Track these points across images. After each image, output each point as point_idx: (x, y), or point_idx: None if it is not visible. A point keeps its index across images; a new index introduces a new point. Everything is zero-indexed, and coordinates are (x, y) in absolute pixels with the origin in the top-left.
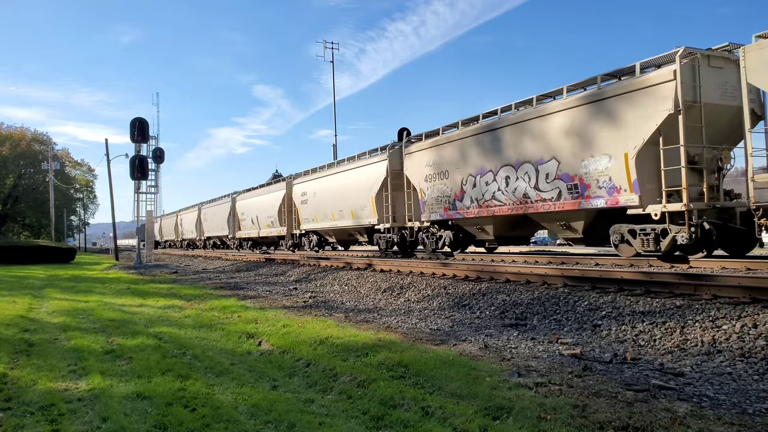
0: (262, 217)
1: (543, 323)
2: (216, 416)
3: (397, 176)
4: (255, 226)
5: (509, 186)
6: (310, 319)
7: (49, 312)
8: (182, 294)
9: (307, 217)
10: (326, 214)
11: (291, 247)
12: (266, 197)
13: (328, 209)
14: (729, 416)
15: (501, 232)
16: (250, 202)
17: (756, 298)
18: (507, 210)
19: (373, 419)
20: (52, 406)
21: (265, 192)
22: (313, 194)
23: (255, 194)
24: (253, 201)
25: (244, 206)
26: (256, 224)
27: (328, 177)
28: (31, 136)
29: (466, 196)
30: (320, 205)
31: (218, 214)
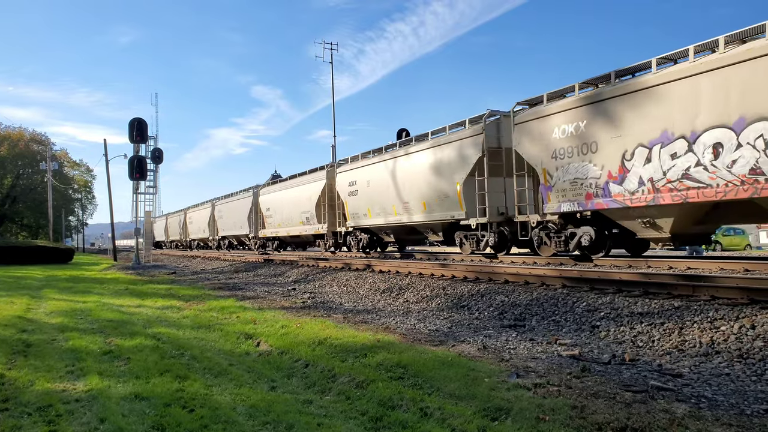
0: (293, 212)
1: (542, 324)
2: (214, 417)
3: (495, 156)
4: (284, 224)
5: (722, 158)
6: (308, 319)
7: (47, 312)
8: (181, 294)
9: (356, 212)
10: (384, 208)
11: (331, 247)
12: (299, 190)
13: (387, 202)
14: (727, 417)
15: (685, 227)
16: (277, 196)
17: (754, 299)
18: (712, 193)
19: (372, 420)
20: (49, 406)
21: (299, 184)
22: (366, 184)
23: (284, 186)
24: (281, 195)
25: (269, 201)
26: (285, 221)
27: (388, 161)
28: (29, 136)
29: (631, 176)
30: (376, 197)
31: (237, 210)
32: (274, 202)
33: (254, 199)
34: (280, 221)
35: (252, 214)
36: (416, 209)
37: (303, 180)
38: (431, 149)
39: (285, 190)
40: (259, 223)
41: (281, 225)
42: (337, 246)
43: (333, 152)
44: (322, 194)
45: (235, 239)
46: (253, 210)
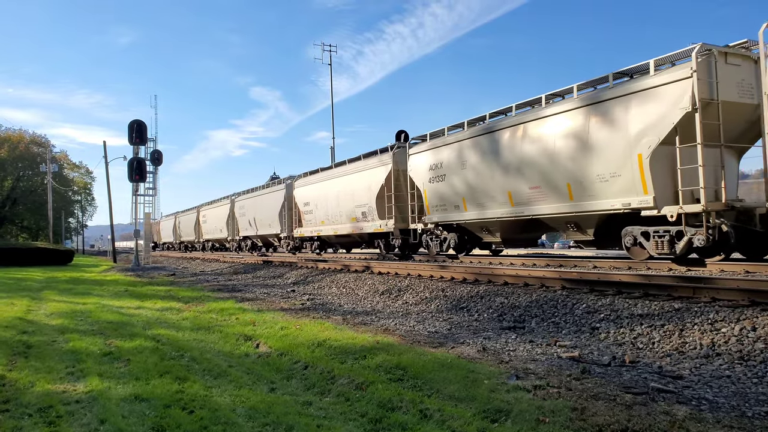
0: (343, 207)
1: (541, 326)
2: (214, 418)
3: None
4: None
5: None
6: (308, 321)
7: (47, 314)
8: (180, 296)
9: (442, 204)
10: (492, 197)
11: (397, 249)
12: (352, 179)
13: (496, 188)
14: (728, 419)
15: None
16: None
17: (755, 300)
18: None
19: (371, 422)
20: (50, 408)
21: (351, 171)
22: (460, 165)
23: (330, 176)
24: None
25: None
26: (331, 217)
27: (501, 133)
28: (29, 138)
29: None
30: (477, 183)
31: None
32: (315, 195)
33: (288, 193)
34: (324, 218)
35: (285, 210)
36: (552, 195)
37: (357, 167)
38: (579, 110)
39: (331, 181)
40: (295, 220)
41: (325, 222)
42: (409, 247)
43: (332, 154)
44: (387, 183)
45: (261, 240)
46: (285, 205)
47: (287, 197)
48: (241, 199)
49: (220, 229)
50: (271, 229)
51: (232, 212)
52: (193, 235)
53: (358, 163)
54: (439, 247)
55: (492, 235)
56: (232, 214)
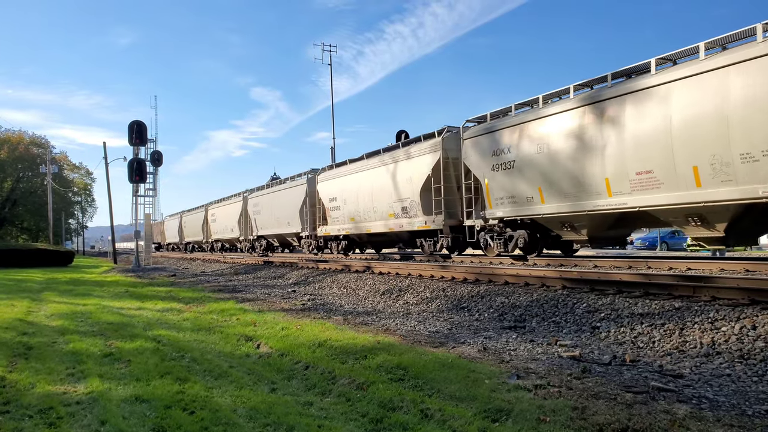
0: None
1: (542, 325)
2: (214, 419)
3: None
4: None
5: None
6: (308, 321)
7: (48, 315)
8: (181, 297)
9: (511, 196)
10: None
11: (443, 248)
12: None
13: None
14: (728, 418)
15: None
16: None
17: (755, 299)
18: None
19: (372, 422)
20: (50, 409)
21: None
22: (535, 149)
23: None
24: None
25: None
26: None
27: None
28: (29, 139)
29: None
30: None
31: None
32: (343, 189)
33: (310, 188)
34: (354, 214)
35: (306, 206)
36: (669, 181)
37: (396, 156)
38: (718, 71)
39: (363, 173)
40: (318, 218)
41: (356, 219)
42: (459, 246)
43: (332, 154)
44: (434, 173)
45: (278, 240)
46: (307, 202)
47: (309, 193)
48: (256, 196)
49: (231, 229)
50: (290, 228)
51: (245, 210)
52: (201, 235)
53: (398, 151)
54: (503, 247)
55: (576, 233)
56: (245, 212)
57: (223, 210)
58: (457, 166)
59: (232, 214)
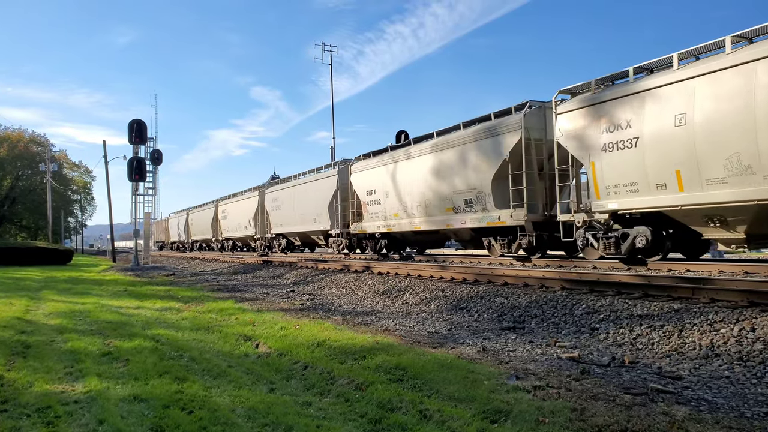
0: (433, 195)
1: (541, 326)
2: (213, 419)
3: None
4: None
5: None
6: (307, 321)
7: (46, 314)
8: (179, 296)
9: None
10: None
11: (519, 249)
12: (447, 156)
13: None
14: (727, 420)
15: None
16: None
17: (754, 301)
18: None
19: (371, 422)
20: (48, 408)
21: (444, 146)
22: (670, 129)
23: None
24: (401, 170)
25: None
26: (411, 208)
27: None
28: (28, 137)
29: None
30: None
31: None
32: (385, 180)
33: (341, 180)
34: (398, 209)
35: (336, 201)
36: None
37: (459, 138)
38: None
39: (411, 161)
40: (352, 214)
41: (400, 215)
42: (542, 246)
43: (332, 153)
44: (512, 158)
45: (300, 238)
46: (338, 195)
47: (341, 185)
48: (275, 190)
49: (245, 226)
50: (316, 225)
51: (262, 206)
52: (210, 233)
53: (458, 134)
54: (613, 248)
55: (728, 229)
56: (262, 207)
57: (237, 206)
58: (540, 148)
59: (247, 210)
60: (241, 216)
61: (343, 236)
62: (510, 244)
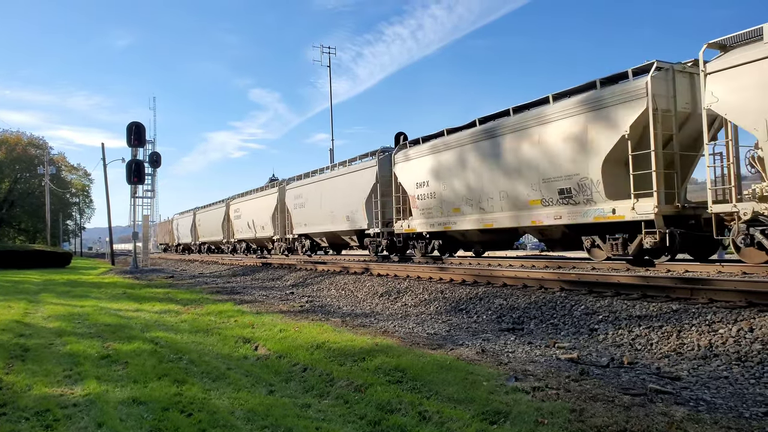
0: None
1: (540, 327)
2: (212, 421)
3: None
4: (481, 207)
5: None
6: (306, 323)
7: (45, 317)
8: (178, 298)
9: None
10: None
11: (639, 248)
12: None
13: None
14: (726, 420)
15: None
16: (458, 157)
17: (752, 302)
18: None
19: (370, 424)
20: (47, 411)
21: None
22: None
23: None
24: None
25: (427, 167)
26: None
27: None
28: (27, 140)
29: None
30: None
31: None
32: (439, 170)
33: (382, 172)
34: (460, 202)
35: (376, 196)
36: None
37: (543, 114)
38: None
39: (477, 146)
40: (397, 210)
41: (463, 210)
42: (669, 247)
43: (331, 155)
44: (632, 132)
45: (328, 238)
46: (378, 190)
47: (381, 177)
48: (296, 187)
49: (262, 226)
50: (349, 224)
51: (282, 203)
52: (221, 234)
53: (545, 109)
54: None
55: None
56: (281, 205)
57: (252, 204)
58: (668, 121)
59: (264, 208)
60: (257, 215)
61: (384, 236)
62: (624, 245)
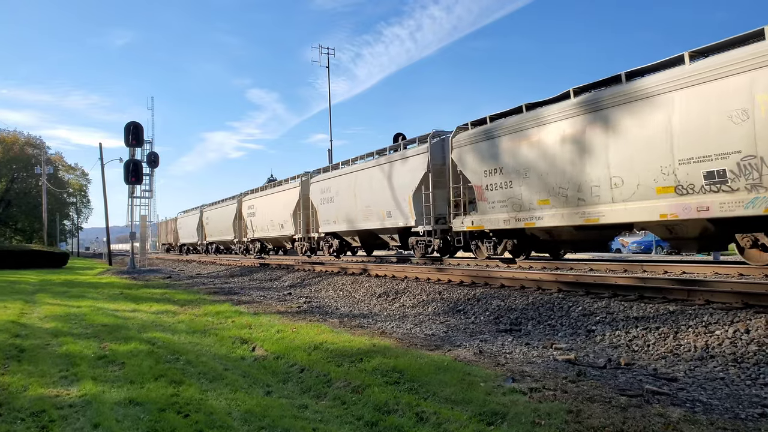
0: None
1: (537, 328)
2: (209, 422)
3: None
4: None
5: None
6: (304, 324)
7: (41, 317)
8: (176, 299)
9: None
10: None
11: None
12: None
13: None
14: (722, 421)
15: None
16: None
17: (748, 303)
18: None
19: (368, 425)
20: (43, 412)
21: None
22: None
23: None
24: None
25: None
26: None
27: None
28: (24, 140)
29: None
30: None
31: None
32: (521, 153)
33: (435, 160)
34: (547, 193)
35: (426, 187)
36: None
37: (700, 68)
38: None
39: (580, 118)
40: (453, 204)
41: (552, 202)
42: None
43: (329, 156)
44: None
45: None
46: (427, 181)
47: (433, 167)
48: (323, 180)
49: (280, 224)
50: (389, 221)
51: (305, 199)
52: (231, 233)
53: (693, 65)
54: None
55: None
56: (305, 201)
57: (269, 200)
58: None
59: (283, 204)
60: (275, 212)
61: (436, 234)
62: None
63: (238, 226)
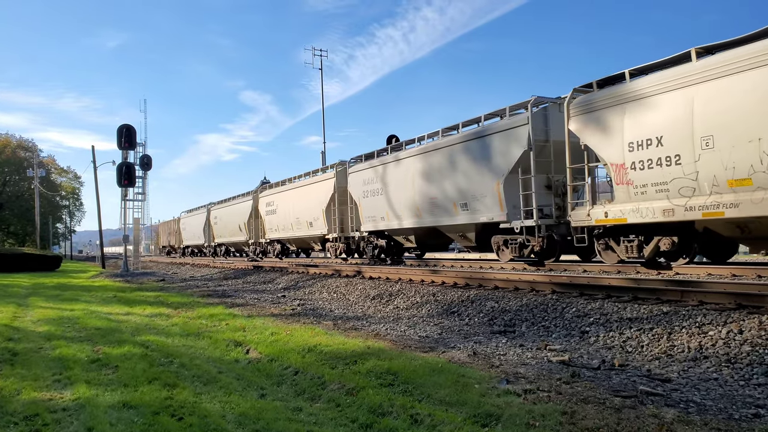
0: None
1: (531, 330)
2: (203, 425)
3: None
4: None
5: None
6: (298, 326)
7: (34, 321)
8: (169, 302)
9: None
10: None
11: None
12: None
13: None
14: (715, 422)
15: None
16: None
17: (741, 304)
18: None
19: (362, 427)
20: (36, 416)
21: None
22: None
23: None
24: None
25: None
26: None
27: None
28: (15, 142)
29: None
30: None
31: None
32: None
33: (537, 134)
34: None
35: (522, 170)
36: None
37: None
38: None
39: (716, 82)
40: (579, 192)
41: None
42: None
43: (322, 158)
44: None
45: (417, 237)
46: (527, 164)
47: (534, 142)
48: (366, 168)
49: (309, 223)
50: (462, 215)
51: (343, 192)
52: (245, 233)
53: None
54: None
55: None
56: (341, 196)
57: (293, 195)
58: None
59: (315, 198)
60: (302, 208)
61: (540, 232)
62: None
63: (254, 226)
